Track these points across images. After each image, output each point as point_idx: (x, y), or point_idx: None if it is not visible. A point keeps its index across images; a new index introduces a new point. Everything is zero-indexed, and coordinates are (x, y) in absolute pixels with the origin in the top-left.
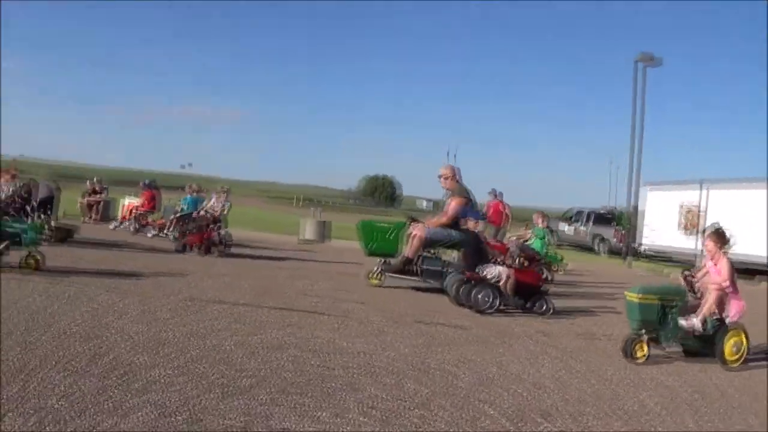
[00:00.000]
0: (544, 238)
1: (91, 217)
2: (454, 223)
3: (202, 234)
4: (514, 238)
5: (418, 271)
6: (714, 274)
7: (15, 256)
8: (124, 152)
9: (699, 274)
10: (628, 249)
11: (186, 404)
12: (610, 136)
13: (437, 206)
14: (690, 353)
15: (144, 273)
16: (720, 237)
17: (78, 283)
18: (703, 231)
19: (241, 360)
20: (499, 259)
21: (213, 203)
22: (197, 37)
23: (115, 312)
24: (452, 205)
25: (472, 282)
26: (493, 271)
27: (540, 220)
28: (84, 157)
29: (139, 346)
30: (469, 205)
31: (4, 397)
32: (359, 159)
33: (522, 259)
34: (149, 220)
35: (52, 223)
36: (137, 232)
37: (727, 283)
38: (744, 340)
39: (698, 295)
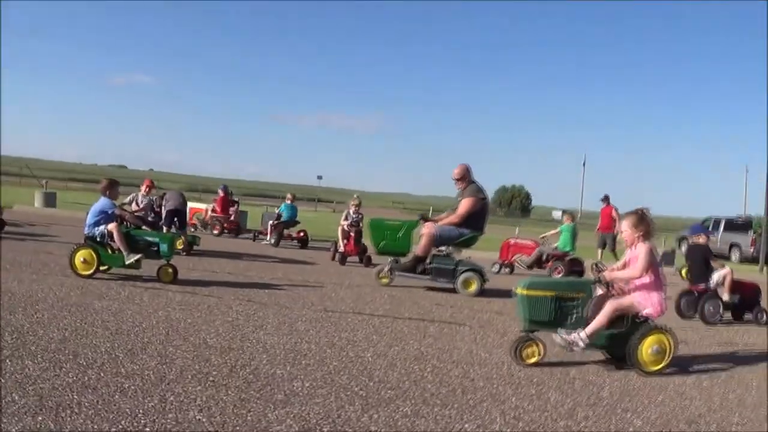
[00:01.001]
0: (564, 233)
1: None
2: (466, 222)
3: (359, 245)
4: (543, 236)
5: (429, 270)
6: (630, 267)
7: (149, 266)
8: (259, 165)
9: (618, 266)
10: (766, 256)
11: (328, 417)
12: (747, 146)
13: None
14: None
15: (278, 284)
16: (639, 220)
17: (214, 294)
18: None
19: (381, 372)
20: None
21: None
22: (335, 51)
23: (252, 323)
24: (464, 204)
25: (696, 294)
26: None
27: (566, 219)
28: (217, 170)
29: (278, 358)
30: (480, 205)
31: (142, 410)
32: (492, 169)
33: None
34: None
35: (186, 235)
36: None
37: (639, 275)
38: (667, 342)
39: (612, 291)
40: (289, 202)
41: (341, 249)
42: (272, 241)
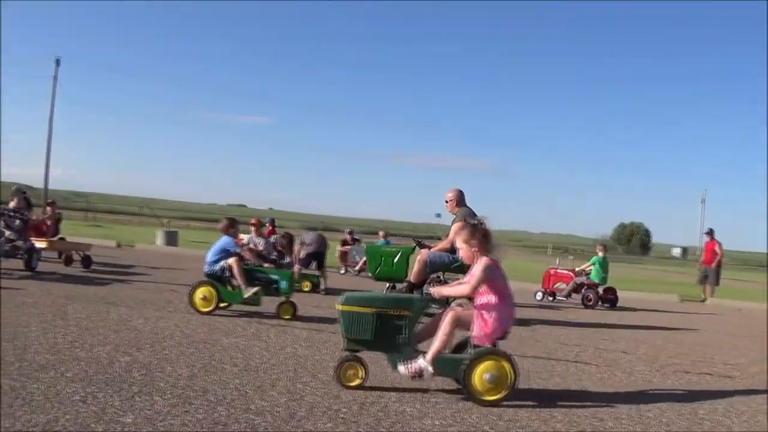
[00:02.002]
0: (596, 265)
1: (346, 268)
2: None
3: None
4: (579, 269)
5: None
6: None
7: (270, 304)
8: (377, 203)
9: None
10: None
11: None
12: None
13: (685, 252)
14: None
15: None
16: (470, 234)
17: (337, 331)
18: None
19: (511, 411)
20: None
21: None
22: (444, 90)
23: (378, 361)
24: (454, 228)
25: None
26: None
27: (599, 250)
28: (335, 209)
29: (407, 395)
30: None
31: None
32: (611, 206)
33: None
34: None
35: (323, 275)
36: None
37: (469, 292)
38: (507, 368)
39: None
40: (382, 238)
41: None
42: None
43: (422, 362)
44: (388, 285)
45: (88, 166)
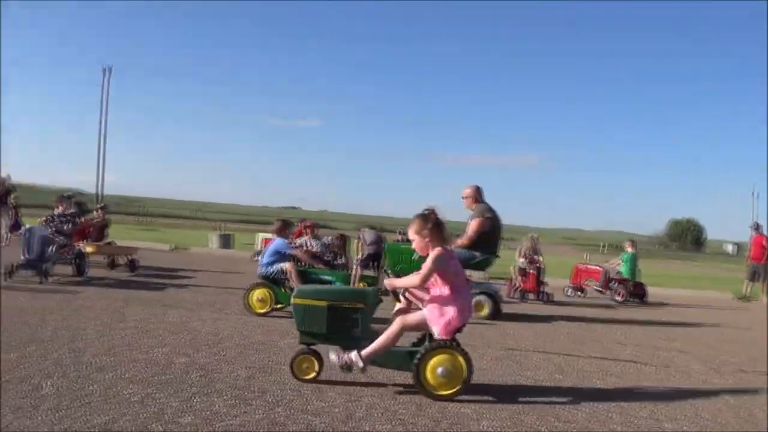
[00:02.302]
0: (627, 261)
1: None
2: (477, 244)
3: (539, 282)
4: (607, 264)
5: None
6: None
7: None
8: (427, 203)
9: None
10: None
11: None
12: None
13: (740, 249)
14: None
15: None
16: (421, 224)
17: None
18: None
19: (567, 411)
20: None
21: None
22: (497, 89)
23: None
24: (472, 225)
25: None
26: None
27: (628, 246)
28: (388, 209)
29: (465, 396)
30: (488, 225)
31: None
32: (664, 203)
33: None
34: None
35: (380, 276)
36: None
37: (418, 283)
38: (461, 362)
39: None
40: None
41: (519, 286)
42: None
43: (354, 355)
44: None
45: (142, 172)
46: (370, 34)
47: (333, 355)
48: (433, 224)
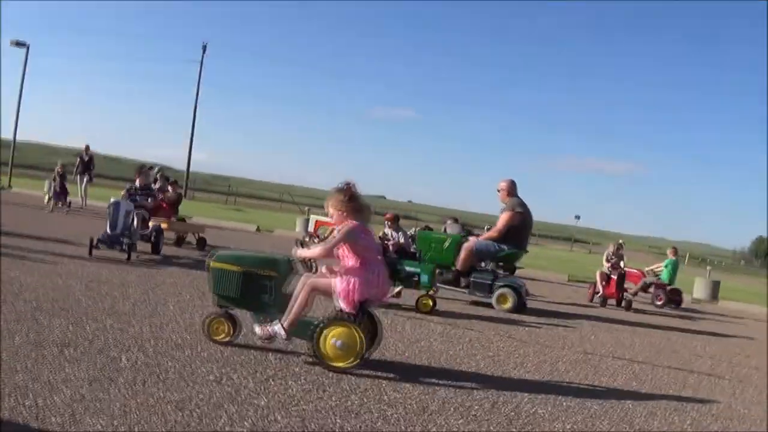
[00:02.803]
0: (668, 267)
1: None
2: (506, 238)
3: (621, 288)
4: (648, 269)
5: (469, 284)
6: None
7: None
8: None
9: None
10: None
11: None
12: None
13: None
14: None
15: (537, 323)
16: (338, 198)
17: (474, 327)
18: None
19: (642, 420)
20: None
21: None
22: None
23: (514, 360)
24: (502, 218)
25: None
26: None
27: (670, 253)
28: (472, 204)
29: (539, 397)
30: (518, 219)
31: None
32: (751, 219)
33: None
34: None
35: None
36: None
37: (322, 254)
38: (357, 336)
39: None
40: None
41: (600, 291)
42: None
43: (277, 327)
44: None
45: (233, 151)
46: (479, 29)
47: (258, 328)
48: (349, 198)
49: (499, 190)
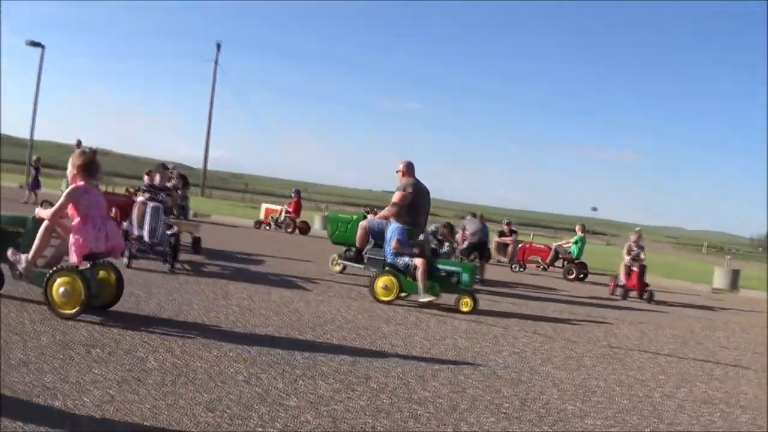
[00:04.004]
0: (577, 243)
1: (499, 259)
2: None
3: (642, 281)
4: (557, 244)
5: (365, 260)
6: None
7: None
8: (527, 194)
9: None
10: None
11: None
12: None
13: None
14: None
15: (562, 317)
16: (77, 157)
17: (499, 324)
18: None
19: (671, 414)
20: None
21: None
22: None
23: (540, 356)
24: (394, 197)
25: None
26: None
27: (579, 230)
28: (488, 198)
29: (568, 393)
30: (409, 198)
31: None
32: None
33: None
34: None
35: (482, 266)
36: None
37: (50, 214)
38: (79, 285)
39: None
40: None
41: (622, 283)
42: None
43: (23, 257)
44: (345, 249)
45: (248, 149)
46: (493, 28)
47: (10, 252)
48: (83, 162)
49: (397, 171)
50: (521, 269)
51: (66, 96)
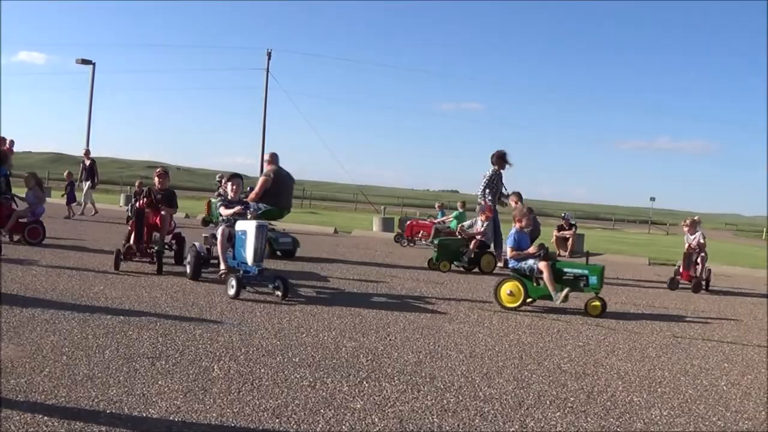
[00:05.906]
0: (457, 218)
1: (559, 253)
2: (262, 199)
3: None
4: (438, 220)
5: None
6: None
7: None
8: (590, 187)
9: None
10: None
11: None
12: None
13: None
14: None
15: (623, 309)
16: None
17: (561, 318)
18: None
19: (737, 402)
20: None
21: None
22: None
23: (604, 349)
24: (258, 183)
25: None
26: None
27: (459, 206)
28: (548, 192)
29: (634, 384)
30: (268, 183)
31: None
32: None
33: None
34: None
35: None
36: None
37: None
38: None
39: None
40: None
41: (689, 273)
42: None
43: None
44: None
45: (305, 154)
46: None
47: None
48: None
49: (264, 161)
50: (411, 245)
51: (116, 111)
